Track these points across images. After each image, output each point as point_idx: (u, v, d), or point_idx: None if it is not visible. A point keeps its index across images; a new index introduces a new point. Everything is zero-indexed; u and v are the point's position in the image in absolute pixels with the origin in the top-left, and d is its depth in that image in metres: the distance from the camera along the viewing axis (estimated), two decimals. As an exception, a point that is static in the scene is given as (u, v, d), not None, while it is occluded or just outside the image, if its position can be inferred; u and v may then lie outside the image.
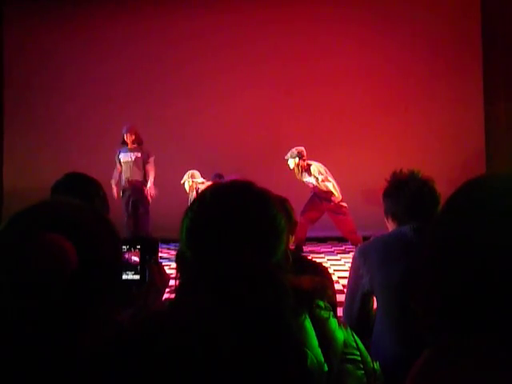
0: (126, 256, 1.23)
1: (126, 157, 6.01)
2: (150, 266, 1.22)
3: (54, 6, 7.73)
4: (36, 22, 7.92)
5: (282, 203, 1.71)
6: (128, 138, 5.98)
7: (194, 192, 6.03)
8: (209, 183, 5.80)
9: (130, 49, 7.77)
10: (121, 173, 6.08)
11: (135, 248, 1.24)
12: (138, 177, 5.96)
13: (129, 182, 5.97)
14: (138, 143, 6.05)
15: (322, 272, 1.69)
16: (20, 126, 7.99)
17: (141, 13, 7.75)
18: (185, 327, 0.71)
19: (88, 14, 7.81)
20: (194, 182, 6.22)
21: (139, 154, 5.99)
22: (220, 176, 6.44)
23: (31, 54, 7.99)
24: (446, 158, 6.89)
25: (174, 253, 0.92)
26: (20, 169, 7.65)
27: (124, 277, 1.22)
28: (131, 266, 1.23)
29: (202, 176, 6.32)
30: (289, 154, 6.01)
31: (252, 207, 0.80)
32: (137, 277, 1.22)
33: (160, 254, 1.33)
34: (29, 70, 7.95)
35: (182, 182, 6.28)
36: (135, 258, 1.24)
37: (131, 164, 5.97)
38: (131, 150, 6.00)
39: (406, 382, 0.61)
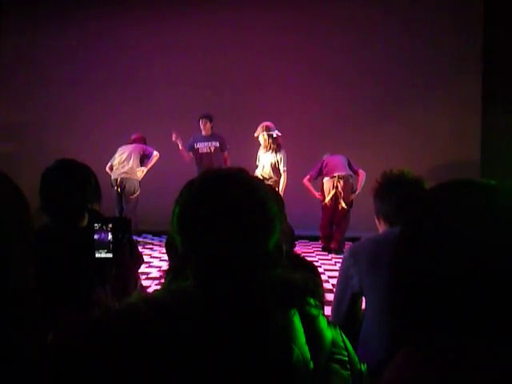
0: (98, 235, 1.23)
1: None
2: (122, 245, 1.21)
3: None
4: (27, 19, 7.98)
5: (275, 193, 1.69)
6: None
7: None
8: (279, 134, 5.75)
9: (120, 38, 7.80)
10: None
11: (107, 227, 1.23)
12: None
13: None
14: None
15: (312, 270, 1.68)
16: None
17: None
18: (164, 317, 0.69)
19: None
20: (268, 134, 5.76)
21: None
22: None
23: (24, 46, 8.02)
24: (439, 161, 6.90)
25: None
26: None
27: (97, 255, 1.22)
28: (104, 245, 1.22)
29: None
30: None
31: (239, 193, 0.78)
32: (110, 255, 1.22)
33: None
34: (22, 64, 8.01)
35: (255, 134, 5.84)
36: (108, 237, 1.23)
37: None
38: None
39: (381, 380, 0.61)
